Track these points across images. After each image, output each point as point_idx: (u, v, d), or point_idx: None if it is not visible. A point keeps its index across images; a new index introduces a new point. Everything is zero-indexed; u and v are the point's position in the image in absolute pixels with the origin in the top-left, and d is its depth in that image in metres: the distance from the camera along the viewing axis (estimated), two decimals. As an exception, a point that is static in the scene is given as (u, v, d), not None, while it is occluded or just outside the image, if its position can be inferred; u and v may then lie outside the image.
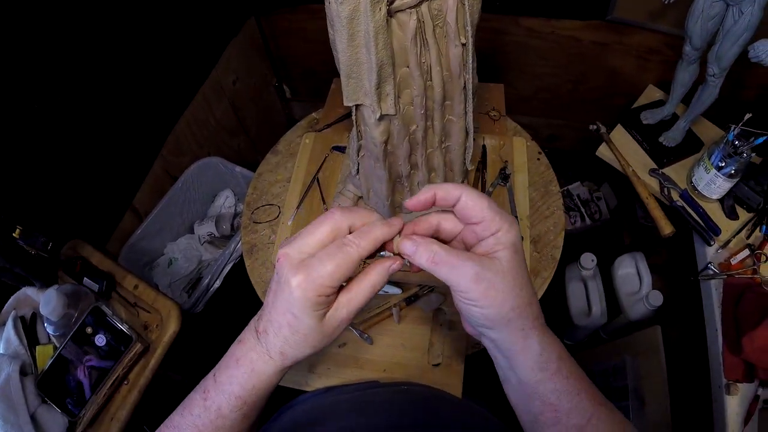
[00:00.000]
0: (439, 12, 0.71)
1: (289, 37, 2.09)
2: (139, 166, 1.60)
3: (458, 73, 0.79)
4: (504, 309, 0.49)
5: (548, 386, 0.51)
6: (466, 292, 0.48)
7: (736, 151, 1.10)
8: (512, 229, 0.50)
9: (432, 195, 0.51)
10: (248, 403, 0.52)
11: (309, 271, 0.46)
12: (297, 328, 0.49)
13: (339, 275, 0.47)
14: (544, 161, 1.22)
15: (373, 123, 0.80)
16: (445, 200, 0.51)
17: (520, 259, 0.50)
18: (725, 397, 1.06)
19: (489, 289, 0.48)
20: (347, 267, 0.47)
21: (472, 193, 0.50)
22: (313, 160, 1.21)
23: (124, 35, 1.41)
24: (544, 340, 0.51)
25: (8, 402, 0.98)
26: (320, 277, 0.46)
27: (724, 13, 1.00)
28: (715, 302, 1.15)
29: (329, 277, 0.46)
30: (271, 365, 0.51)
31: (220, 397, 0.51)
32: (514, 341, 0.51)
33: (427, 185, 0.54)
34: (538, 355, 0.51)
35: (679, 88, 1.23)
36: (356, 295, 0.50)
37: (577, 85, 1.88)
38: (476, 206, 0.50)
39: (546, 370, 0.51)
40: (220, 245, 1.83)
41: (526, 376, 0.52)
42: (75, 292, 1.10)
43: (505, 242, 0.49)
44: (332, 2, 0.65)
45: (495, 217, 0.49)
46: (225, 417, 0.51)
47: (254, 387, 0.52)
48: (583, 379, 0.53)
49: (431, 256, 0.48)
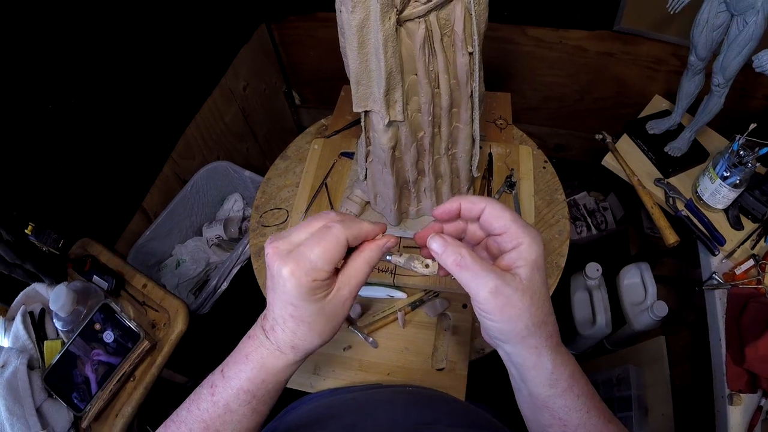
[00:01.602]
0: (447, 21, 0.72)
1: (299, 44, 2.11)
2: (149, 168, 1.62)
3: (465, 81, 0.80)
4: (518, 326, 0.49)
5: (558, 402, 0.52)
6: (483, 303, 0.48)
7: (741, 161, 1.10)
8: (534, 244, 0.50)
9: (458, 205, 0.53)
10: (257, 397, 0.52)
11: (298, 258, 0.47)
12: (301, 318, 0.49)
13: (328, 256, 0.47)
14: (549, 169, 1.23)
15: (381, 129, 0.81)
16: (470, 211, 0.52)
17: (540, 277, 0.50)
18: (728, 407, 1.06)
19: (506, 305, 0.48)
20: (335, 247, 0.48)
21: (497, 205, 0.51)
22: (321, 166, 1.23)
23: (138, 39, 1.43)
24: (557, 359, 0.51)
25: (15, 395, 1.00)
26: (310, 261, 0.47)
27: (728, 24, 1.00)
28: (719, 312, 1.15)
29: (319, 259, 0.47)
30: (282, 360, 0.52)
31: (228, 392, 0.52)
32: (527, 357, 0.51)
33: (454, 196, 0.55)
34: (549, 373, 0.51)
35: (684, 98, 1.24)
36: (354, 271, 0.51)
37: (584, 94, 1.89)
38: (500, 218, 0.50)
39: (556, 387, 0.51)
40: (227, 248, 1.84)
41: (536, 391, 0.52)
42: (84, 289, 1.12)
43: (526, 257, 0.49)
44: (343, 11, 0.66)
45: (518, 231, 0.50)
46: (233, 411, 0.51)
47: (263, 381, 0.52)
48: (594, 397, 0.54)
49: (458, 258, 0.48)
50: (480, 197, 0.52)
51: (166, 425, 0.54)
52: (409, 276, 1.06)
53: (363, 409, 0.81)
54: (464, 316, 1.04)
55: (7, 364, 1.03)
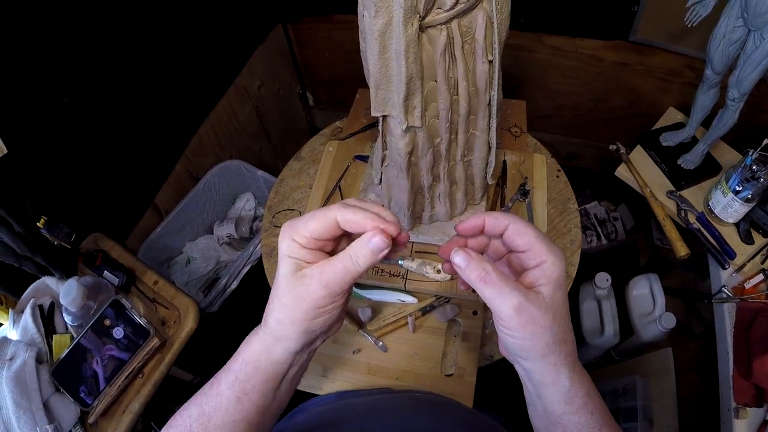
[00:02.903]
0: (469, 29, 0.73)
1: (315, 45, 2.12)
2: (162, 165, 1.64)
3: (484, 89, 0.80)
4: (539, 344, 0.49)
5: (572, 419, 0.52)
6: (505, 320, 0.48)
7: (753, 176, 1.10)
8: (557, 262, 0.50)
9: (482, 221, 0.53)
10: (240, 380, 0.51)
11: (291, 224, 0.50)
12: (278, 292, 0.50)
13: (312, 226, 0.49)
14: (563, 178, 1.23)
15: (399, 134, 0.82)
16: (494, 227, 0.52)
17: (562, 296, 0.50)
18: (734, 420, 1.06)
19: (528, 323, 0.48)
20: (322, 223, 0.49)
21: (521, 222, 0.51)
22: (335, 168, 1.24)
23: (156, 37, 1.45)
24: (575, 377, 0.51)
25: (22, 388, 1.00)
26: (297, 225, 0.50)
27: (745, 39, 1.00)
28: (728, 326, 1.14)
29: (303, 225, 0.49)
30: (260, 339, 0.52)
31: (222, 374, 0.53)
32: (545, 374, 0.51)
33: (477, 212, 0.56)
34: (566, 390, 0.51)
35: (699, 111, 1.24)
36: (330, 267, 0.49)
37: (598, 104, 1.89)
38: (524, 235, 0.50)
39: (572, 404, 0.51)
40: (238, 247, 1.85)
41: (551, 407, 0.52)
42: (95, 284, 1.13)
43: (549, 275, 0.49)
44: (366, 15, 0.67)
45: (542, 248, 0.50)
46: (221, 395, 0.51)
47: (243, 360, 0.52)
48: (606, 414, 0.53)
49: (482, 274, 0.48)
50: (504, 214, 0.52)
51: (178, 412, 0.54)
52: (421, 281, 1.06)
53: (371, 414, 0.82)
54: (474, 323, 1.05)
55: (16, 357, 1.04)
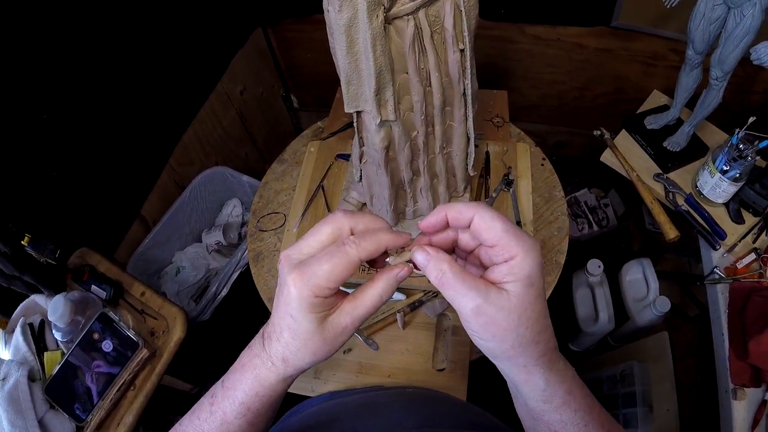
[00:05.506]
0: (437, 18, 0.72)
1: (296, 47, 2.11)
2: (147, 175, 1.62)
3: (457, 79, 0.79)
4: (503, 346, 0.46)
5: (554, 417, 0.49)
6: (467, 321, 0.46)
7: (740, 155, 1.09)
8: (528, 257, 0.45)
9: (443, 216, 0.49)
10: (252, 410, 0.50)
11: (305, 269, 0.45)
12: (296, 332, 0.47)
13: (336, 275, 0.45)
14: (548, 166, 1.22)
15: (374, 129, 0.81)
16: (458, 221, 0.48)
17: (532, 294, 0.45)
18: (732, 402, 1.05)
19: (488, 324, 0.45)
20: (345, 267, 0.45)
21: (486, 214, 0.46)
22: (317, 168, 1.23)
23: (131, 45, 1.43)
24: (551, 377, 0.48)
25: (16, 407, 0.99)
26: (315, 276, 0.44)
27: (725, 17, 1.00)
28: (722, 307, 1.14)
29: (325, 276, 0.44)
30: (273, 372, 0.50)
31: (225, 403, 0.50)
32: (516, 374, 0.48)
33: (439, 205, 0.51)
34: (542, 390, 0.48)
35: (682, 92, 1.23)
36: (362, 302, 0.48)
37: (584, 91, 1.88)
38: (490, 229, 0.46)
39: (551, 403, 0.49)
40: (227, 254, 1.84)
41: (531, 404, 0.50)
42: (82, 299, 1.11)
43: (518, 273, 0.45)
44: (330, 11, 0.66)
45: (510, 242, 0.45)
46: (229, 423, 0.50)
47: (257, 394, 0.50)
48: (593, 410, 0.51)
49: (439, 275, 0.46)
50: (468, 204, 0.48)
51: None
52: (408, 276, 1.05)
53: (364, 412, 0.81)
54: (464, 317, 1.04)
55: (8, 377, 1.03)
